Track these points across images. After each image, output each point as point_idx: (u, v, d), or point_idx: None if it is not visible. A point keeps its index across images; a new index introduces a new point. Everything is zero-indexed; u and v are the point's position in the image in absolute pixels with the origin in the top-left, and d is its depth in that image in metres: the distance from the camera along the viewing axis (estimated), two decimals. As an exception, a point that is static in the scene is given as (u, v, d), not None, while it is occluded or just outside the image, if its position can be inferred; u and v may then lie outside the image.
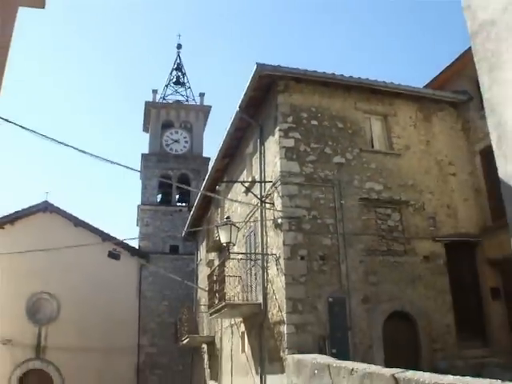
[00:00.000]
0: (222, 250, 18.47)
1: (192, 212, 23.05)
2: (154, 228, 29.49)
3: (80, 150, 9.19)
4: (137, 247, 29.19)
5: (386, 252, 13.54)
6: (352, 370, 8.52)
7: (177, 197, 31.80)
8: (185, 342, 21.21)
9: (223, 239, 12.51)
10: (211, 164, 19.90)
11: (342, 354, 11.35)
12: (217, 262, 19.67)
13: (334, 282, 12.66)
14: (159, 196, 31.79)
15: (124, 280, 27.59)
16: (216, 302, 14.37)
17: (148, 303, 27.78)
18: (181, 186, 26.85)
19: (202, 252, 24.15)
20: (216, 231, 19.38)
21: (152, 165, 30.86)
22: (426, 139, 15.24)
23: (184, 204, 30.96)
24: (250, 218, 14.96)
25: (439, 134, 15.50)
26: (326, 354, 11.47)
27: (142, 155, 31.25)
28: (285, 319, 11.97)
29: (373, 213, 13.77)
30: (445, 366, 12.59)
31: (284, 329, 11.98)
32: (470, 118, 15.95)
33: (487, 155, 15.34)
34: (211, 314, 15.09)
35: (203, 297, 22.56)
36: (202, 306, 21.79)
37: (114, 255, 19.54)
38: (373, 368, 8.16)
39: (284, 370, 11.82)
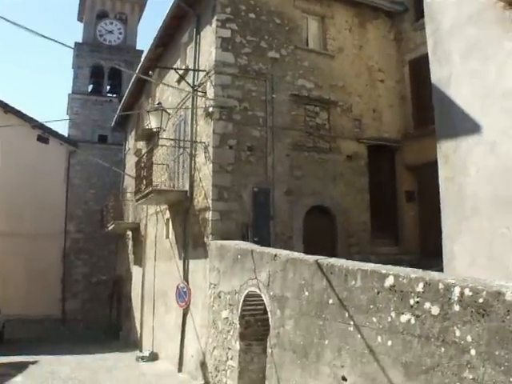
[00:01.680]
0: (151, 139, 18.57)
1: (123, 99, 22.67)
2: (84, 117, 29.10)
3: (15, 23, 8.79)
4: (66, 136, 28.68)
5: (312, 148, 13.99)
6: (275, 255, 8.99)
7: (108, 88, 31.16)
8: (110, 228, 21.54)
9: (153, 124, 12.54)
10: (145, 54, 19.44)
11: (263, 242, 11.86)
12: (145, 151, 19.76)
13: (260, 173, 13.06)
14: (90, 87, 31.20)
15: (53, 167, 27.30)
16: (143, 187, 14.56)
17: (75, 191, 27.81)
18: (118, 68, 26.35)
19: (131, 142, 24.06)
20: (146, 118, 19.35)
21: (85, 54, 30.22)
22: (360, 44, 15.47)
23: (115, 95, 30.46)
24: (180, 107, 14.95)
25: (372, 41, 15.76)
26: (248, 241, 12.01)
27: (75, 44, 30.34)
28: (210, 206, 12.36)
29: (302, 109, 14.07)
30: (359, 259, 13.45)
31: (209, 215, 12.38)
32: (403, 29, 16.31)
33: (415, 65, 15.90)
34: (137, 200, 15.29)
35: (130, 185, 22.72)
36: (129, 194, 21.99)
37: (42, 139, 19.19)
38: (296, 254, 8.66)
39: (207, 255, 12.32)
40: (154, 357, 15.75)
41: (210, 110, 12.78)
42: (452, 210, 8.52)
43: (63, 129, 29.35)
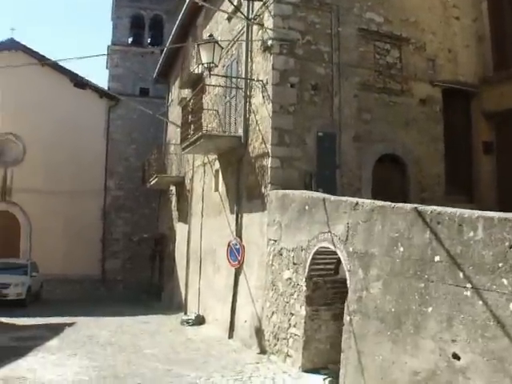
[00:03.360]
0: (198, 85, 17.00)
1: (167, 46, 21.16)
2: (125, 69, 27.79)
3: None
4: (106, 89, 27.40)
5: (382, 89, 12.30)
6: (356, 204, 7.49)
7: (149, 40, 29.56)
8: (153, 182, 20.20)
9: (205, 59, 10.98)
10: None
11: (328, 194, 10.38)
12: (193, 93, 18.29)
13: (326, 115, 11.47)
14: (130, 39, 29.71)
15: (92, 122, 26.08)
16: (191, 134, 13.12)
17: (116, 146, 26.60)
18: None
19: (174, 93, 22.60)
20: (193, 63, 17.85)
21: (124, 3, 28.75)
22: (432, -26, 13.54)
23: (156, 47, 28.84)
24: (234, 42, 13.33)
25: (446, -28, 13.81)
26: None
27: (115, -8, 28.82)
28: (269, 152, 10.85)
29: (371, 46, 12.34)
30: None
31: (268, 162, 10.88)
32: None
33: (496, 0, 13.99)
34: (184, 149, 13.86)
35: (173, 138, 21.40)
36: (172, 147, 20.61)
37: (80, 84, 17.72)
38: (382, 203, 7.12)
39: (265, 207, 10.87)
40: (200, 320, 14.49)
41: (269, 43, 11.17)
42: None
43: (103, 82, 28.09)
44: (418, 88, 12.80)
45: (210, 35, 11.34)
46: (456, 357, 5.31)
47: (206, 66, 11.02)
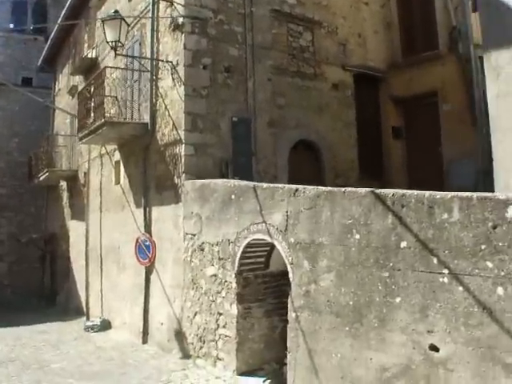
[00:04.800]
0: (91, 71, 15.69)
1: (55, 29, 19.36)
2: (6, 57, 25.32)
3: None
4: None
5: (296, 73, 11.85)
6: (296, 190, 6.86)
7: (31, 26, 27.14)
8: (43, 177, 18.45)
9: (110, 37, 9.82)
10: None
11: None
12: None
13: (240, 99, 10.78)
14: (11, 26, 27.12)
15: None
16: (90, 122, 11.91)
17: (-3, 140, 24.24)
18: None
19: (62, 81, 20.91)
20: (85, 48, 16.51)
21: (6, -15, 26.20)
22: (342, -42, 13.25)
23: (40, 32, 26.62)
24: (134, 25, 12.27)
25: (355, -45, 13.58)
26: (227, 181, 9.76)
27: (-8, -26, 26.32)
28: (182, 138, 9.98)
29: (284, 28, 11.84)
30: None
31: (181, 150, 10.01)
32: None
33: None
34: (82, 138, 12.60)
35: (62, 130, 19.78)
36: (61, 139, 18.98)
37: None
38: (329, 188, 6.54)
39: (179, 199, 10.00)
40: (106, 325, 13.30)
41: (180, 20, 10.27)
42: (507, 134, 6.64)
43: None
44: (330, 72, 12.53)
45: (116, 11, 10.21)
46: (434, 348, 4.88)
47: (111, 44, 9.89)
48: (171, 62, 10.49)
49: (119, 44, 9.97)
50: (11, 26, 26.77)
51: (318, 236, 6.40)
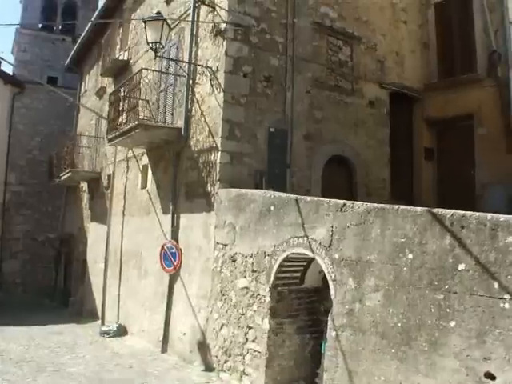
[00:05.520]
0: (122, 74, 15.64)
1: (86, 30, 19.28)
2: (33, 55, 25.39)
3: None
4: (11, 74, 24.94)
5: (334, 88, 11.66)
6: (344, 205, 6.64)
7: (60, 26, 27.22)
8: (64, 177, 18.28)
9: (151, 38, 9.71)
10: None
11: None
12: (110, 89, 16.74)
13: (278, 110, 10.59)
14: (41, 24, 27.27)
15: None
16: (121, 123, 11.75)
17: (19, 137, 24.12)
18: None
19: (89, 83, 20.86)
20: (117, 50, 16.41)
21: (37, -16, 26.30)
22: (383, -26, 13.14)
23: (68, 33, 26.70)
24: (171, 30, 12.08)
25: (396, -26, 13.46)
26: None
27: (25, -29, 26.56)
28: (219, 145, 9.78)
29: (325, 41, 11.67)
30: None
31: (217, 157, 9.81)
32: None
33: (442, 9, 13.91)
34: (111, 140, 12.43)
35: (87, 131, 19.67)
36: (85, 141, 18.78)
37: None
38: (380, 204, 6.32)
39: (212, 207, 9.79)
40: (121, 331, 13.08)
41: (223, 26, 10.12)
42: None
43: (7, 68, 25.84)
44: (367, 89, 12.36)
45: (158, 12, 10.14)
46: (490, 376, 4.64)
47: (151, 46, 9.75)
48: (210, 67, 10.33)
49: (160, 46, 9.81)
50: (40, 25, 26.79)
51: (366, 253, 6.17)
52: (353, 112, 11.91)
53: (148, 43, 9.83)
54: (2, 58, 17.83)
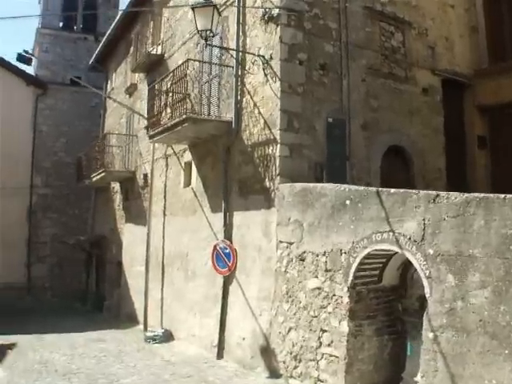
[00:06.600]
0: (155, 69, 15.13)
1: (112, 26, 18.78)
2: (55, 56, 24.96)
3: None
4: (33, 75, 24.67)
5: (388, 75, 11.08)
6: (437, 196, 6.11)
7: (81, 25, 26.69)
8: (96, 178, 17.69)
9: (201, 26, 9.17)
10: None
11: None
12: (142, 86, 16.31)
13: (335, 98, 10.02)
14: (61, 24, 26.76)
15: (17, 112, 23.00)
16: (166, 117, 11.22)
17: (44, 139, 23.83)
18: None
19: (116, 81, 20.37)
20: (148, 44, 15.90)
21: (57, -17, 25.85)
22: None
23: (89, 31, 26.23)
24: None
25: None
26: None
27: (45, -30, 26.12)
28: (277, 138, 9.22)
29: (377, 26, 11.08)
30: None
31: (275, 150, 9.25)
32: None
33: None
34: (153, 136, 11.91)
35: (116, 129, 19.17)
36: (114, 139, 18.21)
37: (24, 58, 15.06)
38: (481, 194, 5.77)
39: (272, 204, 9.22)
40: (168, 337, 12.55)
41: (275, 12, 9.56)
42: None
43: (30, 69, 25.42)
44: (420, 76, 11.77)
45: (207, -3, 9.53)
46: None
47: (201, 34, 9.19)
48: (263, 56, 9.76)
49: (210, 33, 9.25)
50: (61, 24, 26.36)
51: (468, 247, 5.63)
52: (407, 100, 11.33)
53: (198, 31, 9.24)
54: (33, 55, 17.08)
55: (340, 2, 10.39)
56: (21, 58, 14.65)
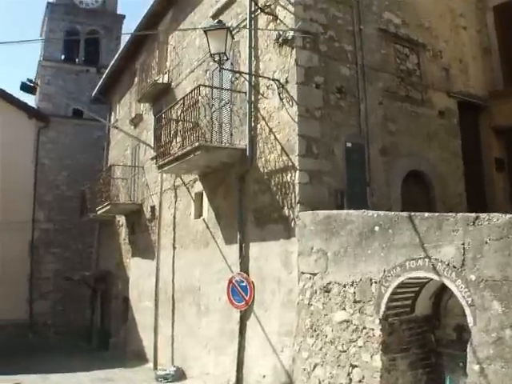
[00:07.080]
0: (161, 98, 14.85)
1: (115, 58, 18.64)
2: (57, 88, 24.78)
3: None
4: (35, 108, 24.48)
5: (405, 98, 10.80)
6: (477, 217, 5.71)
7: (83, 58, 26.62)
8: (102, 211, 17.23)
9: (214, 49, 8.87)
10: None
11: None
12: (148, 116, 16.03)
13: (353, 122, 9.69)
14: (63, 56, 26.75)
15: (19, 145, 22.72)
16: (176, 146, 10.86)
17: (46, 173, 23.51)
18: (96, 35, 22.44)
19: (121, 111, 20.11)
20: (154, 74, 15.64)
21: (58, 16, 26.00)
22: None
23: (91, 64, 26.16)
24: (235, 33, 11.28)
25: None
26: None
27: (48, 4, 26.32)
28: (296, 164, 8.84)
29: (391, 49, 10.85)
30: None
31: (294, 177, 8.85)
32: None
33: (503, 12, 13.08)
34: (162, 166, 11.52)
35: (120, 161, 18.82)
36: (119, 172, 17.85)
37: (27, 87, 14.81)
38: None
39: (292, 233, 8.79)
40: (180, 375, 11.97)
41: (290, 35, 9.27)
42: None
43: (31, 102, 25.33)
44: (436, 98, 11.51)
45: (219, 21, 9.29)
46: None
47: (215, 57, 8.89)
48: (278, 80, 9.45)
49: (224, 57, 8.95)
50: (62, 56, 26.28)
51: (518, 271, 5.22)
52: (424, 123, 11.01)
53: (211, 55, 8.95)
54: (36, 84, 16.84)
55: (354, 24, 10.17)
56: (24, 86, 14.37)
